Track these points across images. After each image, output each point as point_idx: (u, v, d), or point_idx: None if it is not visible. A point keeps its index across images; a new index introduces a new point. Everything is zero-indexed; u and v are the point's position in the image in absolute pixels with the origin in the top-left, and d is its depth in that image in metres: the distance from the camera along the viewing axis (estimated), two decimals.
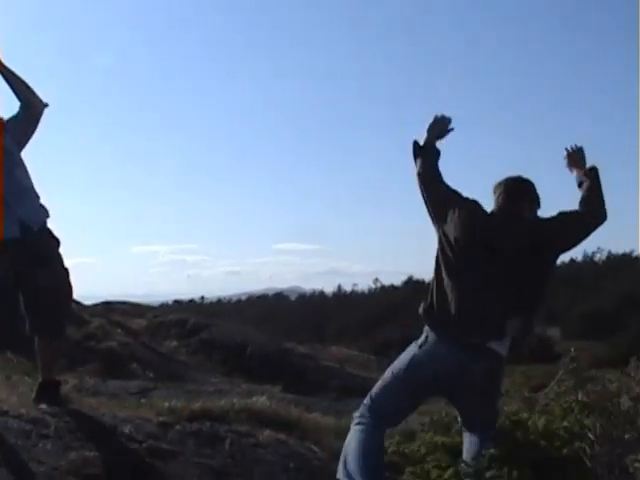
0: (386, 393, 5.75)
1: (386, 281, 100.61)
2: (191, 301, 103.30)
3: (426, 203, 5.81)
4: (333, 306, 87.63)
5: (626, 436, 4.88)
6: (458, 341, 5.30)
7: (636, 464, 4.89)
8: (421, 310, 5.73)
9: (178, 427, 6.82)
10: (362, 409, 5.80)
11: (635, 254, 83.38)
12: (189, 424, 6.95)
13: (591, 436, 5.15)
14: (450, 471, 5.94)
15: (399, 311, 74.93)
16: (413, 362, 5.61)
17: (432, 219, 5.78)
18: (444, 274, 5.59)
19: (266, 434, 7.07)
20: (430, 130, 5.97)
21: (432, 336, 5.49)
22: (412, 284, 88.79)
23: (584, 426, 5.50)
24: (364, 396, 5.97)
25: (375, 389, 5.84)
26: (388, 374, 5.82)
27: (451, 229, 5.53)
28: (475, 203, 5.66)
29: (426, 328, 5.63)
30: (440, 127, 5.98)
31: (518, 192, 5.59)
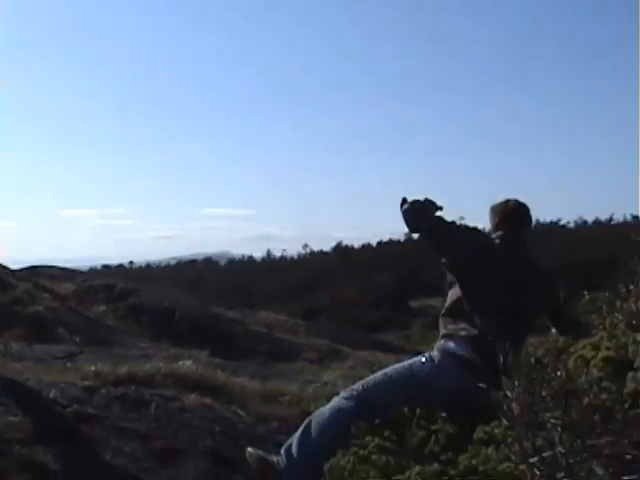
0: (381, 390, 5.73)
1: (315, 247, 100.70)
2: (120, 266, 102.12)
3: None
4: (262, 271, 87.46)
5: (543, 394, 5.03)
6: (471, 362, 5.35)
7: (553, 420, 5.05)
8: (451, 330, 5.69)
9: (104, 391, 6.83)
10: (349, 392, 5.76)
11: (562, 223, 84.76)
12: (115, 388, 6.96)
13: (509, 394, 5.30)
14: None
15: (328, 277, 75.24)
16: (421, 373, 5.64)
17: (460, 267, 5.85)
18: (471, 299, 5.60)
19: (192, 398, 7.12)
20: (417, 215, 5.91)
21: (446, 353, 5.51)
22: (341, 250, 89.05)
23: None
24: (292, 360, 6.05)
25: (370, 383, 5.81)
26: (387, 376, 5.80)
27: (474, 264, 5.64)
28: (484, 236, 5.90)
29: (440, 345, 5.65)
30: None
31: (522, 216, 5.92)
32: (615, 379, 5.38)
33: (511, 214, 5.86)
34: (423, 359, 5.60)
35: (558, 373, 5.02)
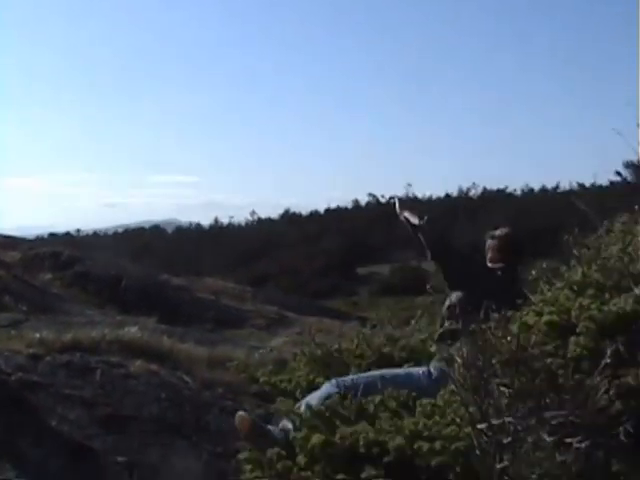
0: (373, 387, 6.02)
1: (263, 214, 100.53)
2: (67, 234, 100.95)
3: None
4: (210, 238, 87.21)
5: (493, 361, 5.10)
6: None
7: (501, 388, 5.13)
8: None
9: (48, 359, 6.78)
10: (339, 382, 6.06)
11: (509, 190, 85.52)
12: (59, 355, 6.91)
13: (458, 359, 5.36)
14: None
15: (276, 244, 75.37)
16: (419, 382, 6.00)
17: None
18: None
19: (137, 365, 7.10)
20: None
21: (444, 374, 5.76)
22: (289, 217, 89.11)
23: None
24: (239, 327, 6.13)
25: (362, 379, 6.10)
26: (382, 376, 6.14)
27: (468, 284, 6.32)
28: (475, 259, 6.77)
29: (438, 365, 5.99)
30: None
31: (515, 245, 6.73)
32: (558, 343, 5.48)
33: (507, 243, 6.48)
34: (421, 371, 6.17)
35: (508, 339, 5.10)
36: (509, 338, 5.02)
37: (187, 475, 5.69)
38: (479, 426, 5.03)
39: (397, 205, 6.84)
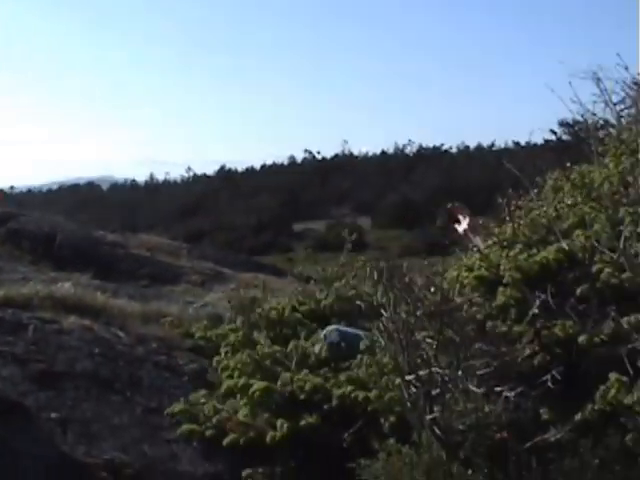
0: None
1: (199, 170, 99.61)
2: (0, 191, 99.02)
3: None
4: (145, 195, 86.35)
5: (417, 313, 5.19)
6: None
7: (427, 340, 5.24)
8: None
9: None
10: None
11: (445, 148, 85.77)
12: None
13: (385, 314, 5.45)
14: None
15: (211, 200, 74.82)
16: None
17: None
18: None
19: (70, 320, 7.07)
20: None
21: None
22: (224, 173, 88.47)
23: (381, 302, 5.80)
24: (174, 283, 6.15)
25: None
26: None
27: None
28: None
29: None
30: None
31: None
32: (487, 297, 5.61)
33: None
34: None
35: (432, 291, 5.19)
36: (433, 290, 5.12)
37: (121, 430, 5.70)
38: (407, 377, 5.14)
39: (463, 220, 6.91)
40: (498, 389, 5.06)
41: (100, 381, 6.18)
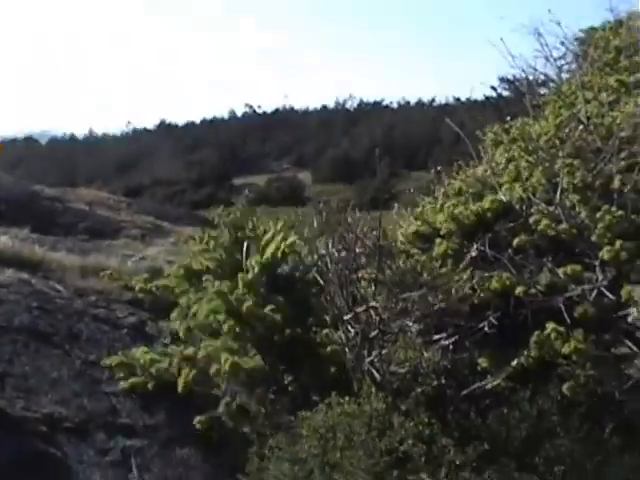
0: None
1: (139, 125, 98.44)
2: None
3: None
4: (84, 149, 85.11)
5: (357, 250, 5.27)
6: None
7: (365, 276, 5.30)
8: None
9: None
10: None
11: (385, 103, 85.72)
12: None
13: (324, 252, 5.51)
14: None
15: (151, 154, 74.04)
16: None
17: None
18: None
19: (8, 274, 6.99)
20: None
21: None
22: (165, 127, 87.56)
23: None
24: (114, 237, 6.10)
25: None
26: None
27: None
28: None
29: None
30: None
31: None
32: (425, 248, 5.67)
33: None
34: None
35: (373, 232, 5.23)
36: (374, 232, 5.15)
37: (60, 384, 5.67)
38: (345, 317, 5.19)
39: None
40: (437, 337, 5.13)
41: (38, 335, 6.14)
